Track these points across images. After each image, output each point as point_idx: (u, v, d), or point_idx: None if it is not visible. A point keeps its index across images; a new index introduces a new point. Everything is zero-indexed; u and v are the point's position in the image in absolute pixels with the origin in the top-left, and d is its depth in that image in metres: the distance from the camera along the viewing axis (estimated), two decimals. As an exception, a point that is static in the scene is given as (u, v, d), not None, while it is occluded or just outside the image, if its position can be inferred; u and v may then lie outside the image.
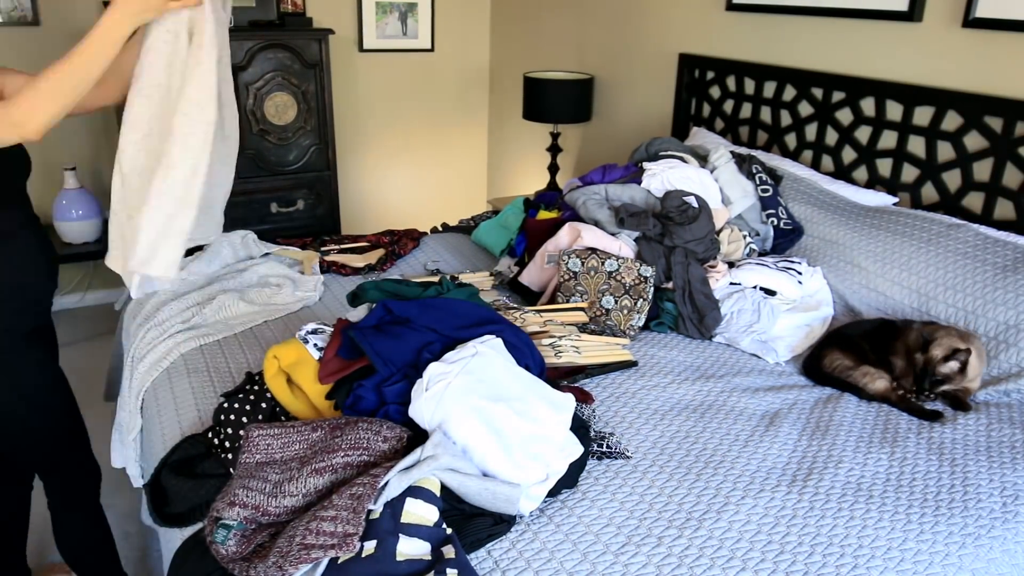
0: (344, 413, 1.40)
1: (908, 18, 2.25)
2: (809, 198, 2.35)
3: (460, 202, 4.65)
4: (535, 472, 1.28)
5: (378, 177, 4.37)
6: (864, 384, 1.74)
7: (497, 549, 1.22)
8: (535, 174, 4.13)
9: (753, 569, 1.19)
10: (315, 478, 1.22)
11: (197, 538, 1.24)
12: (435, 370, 1.34)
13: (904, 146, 2.32)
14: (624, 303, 1.98)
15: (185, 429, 1.54)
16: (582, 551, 1.22)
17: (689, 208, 2.21)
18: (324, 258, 2.37)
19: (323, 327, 1.56)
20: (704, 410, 1.65)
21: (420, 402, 1.31)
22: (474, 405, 1.30)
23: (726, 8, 2.84)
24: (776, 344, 1.93)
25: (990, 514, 1.36)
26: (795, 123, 2.65)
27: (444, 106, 4.42)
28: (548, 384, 1.45)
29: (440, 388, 1.31)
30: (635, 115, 3.41)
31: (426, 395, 1.31)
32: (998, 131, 2.08)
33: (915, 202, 2.32)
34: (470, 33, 4.34)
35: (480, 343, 1.41)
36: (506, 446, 1.28)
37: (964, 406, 1.69)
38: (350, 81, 4.05)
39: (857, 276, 2.09)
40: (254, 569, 1.08)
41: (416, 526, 1.13)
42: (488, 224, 2.62)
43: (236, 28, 3.42)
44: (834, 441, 1.55)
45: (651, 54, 3.26)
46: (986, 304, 1.83)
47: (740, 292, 2.03)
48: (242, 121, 3.48)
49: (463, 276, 2.27)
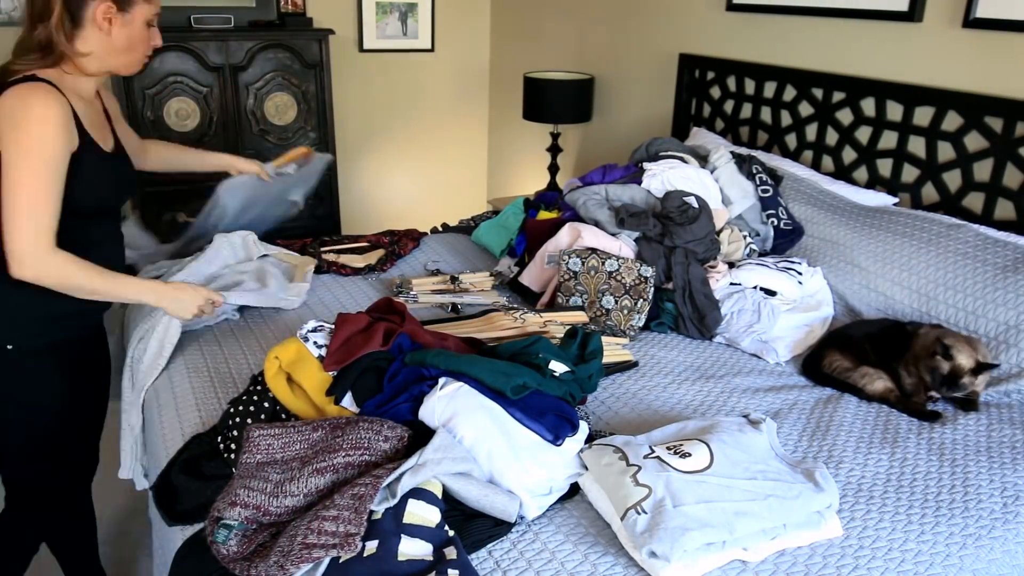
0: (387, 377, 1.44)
1: (908, 18, 2.25)
2: (809, 198, 2.35)
3: (460, 202, 4.65)
4: (539, 477, 1.28)
5: (378, 177, 4.37)
6: (863, 385, 1.74)
7: (498, 550, 1.22)
8: (535, 174, 4.13)
9: (753, 570, 1.19)
10: (316, 478, 1.22)
11: (198, 538, 1.24)
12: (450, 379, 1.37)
13: (904, 146, 2.32)
14: (624, 303, 1.98)
15: (185, 429, 1.54)
16: (583, 552, 1.22)
17: (689, 208, 2.21)
18: (324, 258, 2.37)
19: (323, 324, 1.55)
20: (704, 410, 1.65)
21: (432, 400, 1.33)
22: (485, 404, 1.32)
23: (726, 8, 2.84)
24: (776, 344, 1.93)
25: (991, 515, 1.35)
26: (795, 123, 2.65)
27: (444, 106, 4.42)
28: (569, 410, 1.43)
29: (453, 388, 1.34)
30: (635, 115, 3.41)
31: (439, 393, 1.33)
32: (998, 131, 2.08)
33: (915, 202, 2.32)
34: (470, 33, 4.34)
35: None
36: (514, 447, 1.29)
37: (974, 406, 1.70)
38: (350, 81, 4.05)
39: (857, 276, 2.09)
40: (255, 568, 1.08)
41: (418, 527, 1.13)
42: (488, 224, 2.61)
43: (236, 28, 3.42)
44: (834, 441, 1.55)
45: (651, 54, 3.26)
46: (986, 304, 1.83)
47: (740, 292, 2.04)
48: (242, 121, 3.48)
49: (463, 276, 2.27)
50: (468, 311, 2.08)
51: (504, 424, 1.31)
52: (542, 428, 1.33)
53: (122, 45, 1.53)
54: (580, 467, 1.36)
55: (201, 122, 3.39)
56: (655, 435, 1.43)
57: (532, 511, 1.27)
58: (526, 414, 1.34)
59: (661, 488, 1.23)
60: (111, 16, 1.48)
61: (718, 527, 1.18)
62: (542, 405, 1.38)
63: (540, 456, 1.30)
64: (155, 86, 3.26)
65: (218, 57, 3.35)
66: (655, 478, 1.25)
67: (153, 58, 1.79)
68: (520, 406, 1.36)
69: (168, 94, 3.30)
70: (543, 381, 1.43)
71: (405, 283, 2.20)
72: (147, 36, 1.57)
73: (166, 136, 3.33)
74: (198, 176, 2.12)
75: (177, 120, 3.34)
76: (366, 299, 2.15)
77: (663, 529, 1.16)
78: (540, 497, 1.29)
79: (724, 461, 1.32)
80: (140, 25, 1.54)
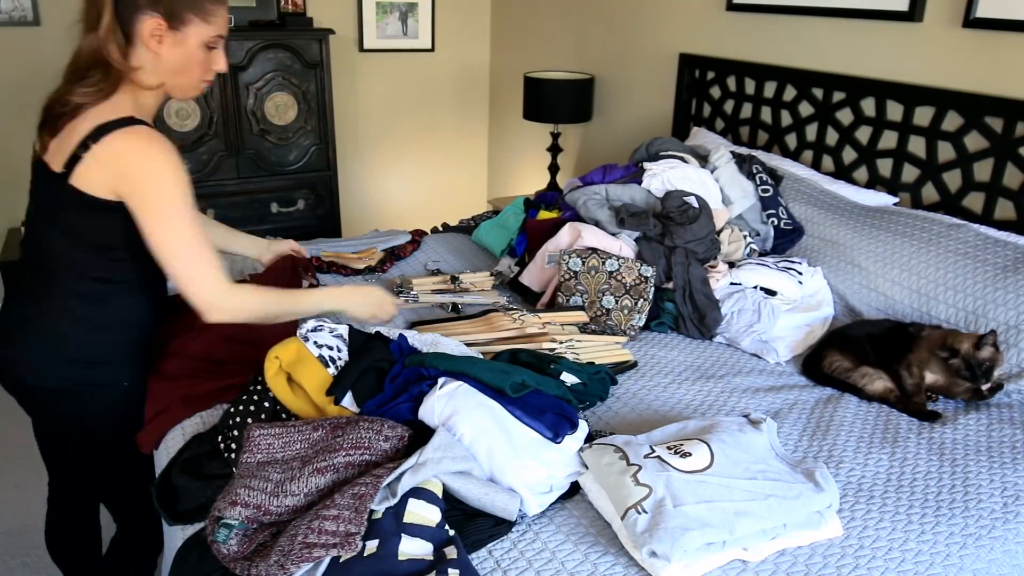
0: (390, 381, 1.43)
1: (908, 18, 2.25)
2: (809, 198, 2.35)
3: (460, 202, 4.65)
4: (539, 474, 1.28)
5: (378, 177, 4.37)
6: (863, 385, 1.74)
7: (498, 549, 1.22)
8: (535, 174, 4.13)
9: (754, 570, 1.19)
10: (317, 477, 1.22)
11: (198, 538, 1.24)
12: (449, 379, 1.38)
13: (904, 146, 2.32)
14: (625, 303, 1.98)
15: (186, 429, 1.54)
16: (583, 551, 1.22)
17: (689, 208, 2.21)
18: (324, 259, 2.37)
19: (324, 324, 1.56)
20: (704, 410, 1.65)
21: (432, 399, 1.33)
22: (484, 402, 1.33)
23: (726, 8, 2.84)
24: (776, 344, 1.93)
25: (991, 514, 1.35)
26: (795, 123, 2.65)
27: (444, 106, 4.42)
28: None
29: (452, 387, 1.35)
30: (635, 115, 3.41)
31: (439, 392, 1.34)
32: (998, 131, 2.08)
33: (915, 202, 2.32)
34: (470, 33, 4.34)
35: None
36: (514, 445, 1.29)
37: (999, 385, 1.72)
38: (350, 81, 4.05)
39: (857, 276, 2.09)
40: (255, 568, 1.08)
41: (418, 526, 1.13)
42: (488, 224, 2.61)
43: (236, 28, 3.42)
44: (835, 441, 1.55)
45: (651, 54, 3.26)
46: (986, 304, 1.83)
47: (740, 292, 2.04)
48: (242, 121, 3.48)
49: (463, 276, 2.27)
50: (468, 311, 2.08)
51: (504, 422, 1.32)
52: (542, 426, 1.33)
53: (173, 67, 1.41)
54: (580, 465, 1.36)
55: (201, 122, 3.39)
56: (655, 435, 1.43)
57: (533, 508, 1.27)
58: (525, 412, 1.35)
59: (661, 488, 1.23)
60: (161, 34, 1.37)
61: (718, 527, 1.18)
62: (541, 403, 1.39)
63: (540, 454, 1.31)
64: (155, 86, 3.26)
65: (218, 57, 3.34)
66: (655, 478, 1.25)
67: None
68: (519, 404, 1.36)
69: (168, 94, 3.30)
70: (542, 380, 1.44)
71: (405, 283, 2.20)
72: (204, 59, 1.44)
73: (166, 136, 3.33)
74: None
75: (177, 120, 3.34)
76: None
77: (663, 529, 1.16)
78: (541, 495, 1.29)
79: (724, 461, 1.32)
80: (195, 46, 1.41)
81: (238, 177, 3.52)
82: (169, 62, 1.40)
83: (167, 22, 1.36)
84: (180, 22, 1.37)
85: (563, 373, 1.54)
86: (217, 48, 1.46)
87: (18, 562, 2.24)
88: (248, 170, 3.54)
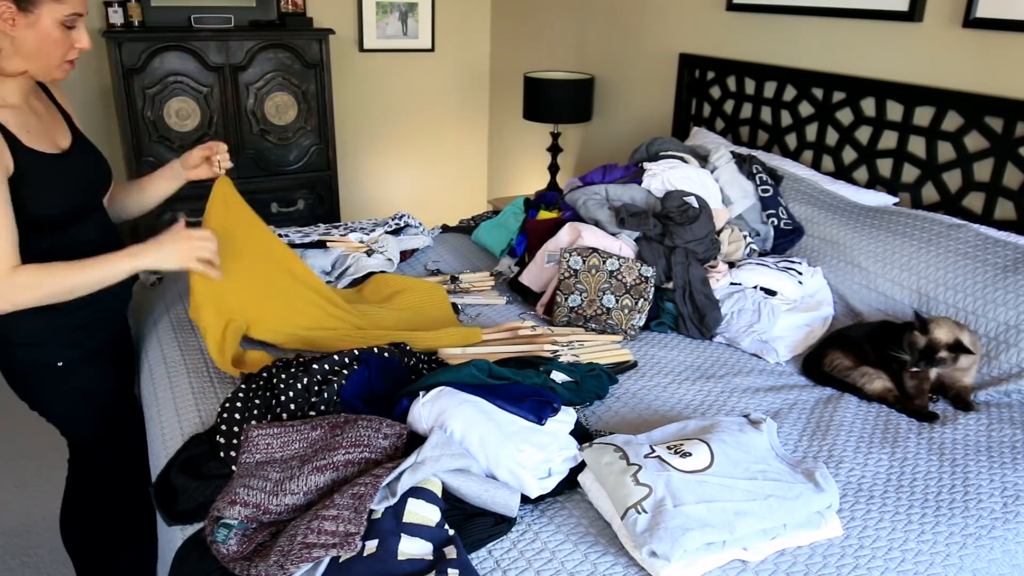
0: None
1: (908, 18, 2.25)
2: (809, 198, 2.35)
3: (460, 202, 4.65)
4: (535, 457, 1.30)
5: (378, 177, 4.37)
6: (863, 384, 1.74)
7: (498, 549, 1.22)
8: (535, 174, 4.13)
9: (753, 570, 1.19)
10: (316, 476, 1.22)
11: (197, 538, 1.24)
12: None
13: (904, 146, 2.32)
14: (625, 302, 1.98)
15: (185, 428, 1.54)
16: (583, 551, 1.22)
17: (689, 208, 2.21)
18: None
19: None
20: (705, 410, 1.65)
21: (417, 408, 1.35)
22: (468, 398, 1.35)
23: (726, 8, 2.84)
24: (776, 344, 1.92)
25: (991, 514, 1.35)
26: (795, 123, 2.65)
27: (444, 106, 4.42)
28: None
29: (434, 392, 1.37)
30: (635, 115, 3.41)
31: (422, 400, 1.36)
32: (998, 131, 2.08)
33: (915, 202, 2.32)
34: (470, 33, 4.34)
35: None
36: (503, 431, 1.32)
37: (967, 405, 1.69)
38: (350, 81, 4.05)
39: (857, 276, 2.09)
40: (255, 568, 1.08)
41: (418, 526, 1.13)
42: (488, 224, 2.61)
43: (236, 28, 3.43)
44: (835, 441, 1.55)
45: (651, 54, 3.26)
46: (986, 304, 1.83)
47: (740, 292, 2.03)
48: (242, 121, 3.48)
49: (463, 276, 2.27)
50: (468, 311, 2.08)
51: (490, 413, 1.35)
52: (523, 411, 1.37)
53: (30, 48, 1.38)
54: (576, 448, 1.37)
55: (201, 122, 3.39)
56: (655, 435, 1.43)
57: (534, 490, 1.28)
58: (507, 402, 1.39)
59: (661, 487, 1.23)
60: (12, 17, 1.34)
61: (718, 527, 1.18)
62: (521, 392, 1.43)
63: (531, 438, 1.33)
64: (155, 86, 3.27)
65: (218, 57, 3.35)
66: (655, 477, 1.25)
67: (153, 59, 1.63)
68: (501, 395, 1.40)
69: (168, 94, 3.30)
70: (521, 374, 1.50)
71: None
72: (62, 38, 1.40)
73: (166, 136, 3.33)
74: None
75: (177, 120, 3.34)
76: (366, 299, 2.15)
77: (663, 529, 1.16)
78: (541, 480, 1.30)
79: (724, 461, 1.32)
80: (51, 26, 1.38)
81: (238, 177, 3.52)
82: (25, 45, 1.37)
83: (15, 4, 1.34)
84: (30, 3, 1.35)
85: (553, 372, 1.58)
86: (76, 27, 1.43)
87: (18, 562, 2.24)
88: (248, 170, 3.54)
